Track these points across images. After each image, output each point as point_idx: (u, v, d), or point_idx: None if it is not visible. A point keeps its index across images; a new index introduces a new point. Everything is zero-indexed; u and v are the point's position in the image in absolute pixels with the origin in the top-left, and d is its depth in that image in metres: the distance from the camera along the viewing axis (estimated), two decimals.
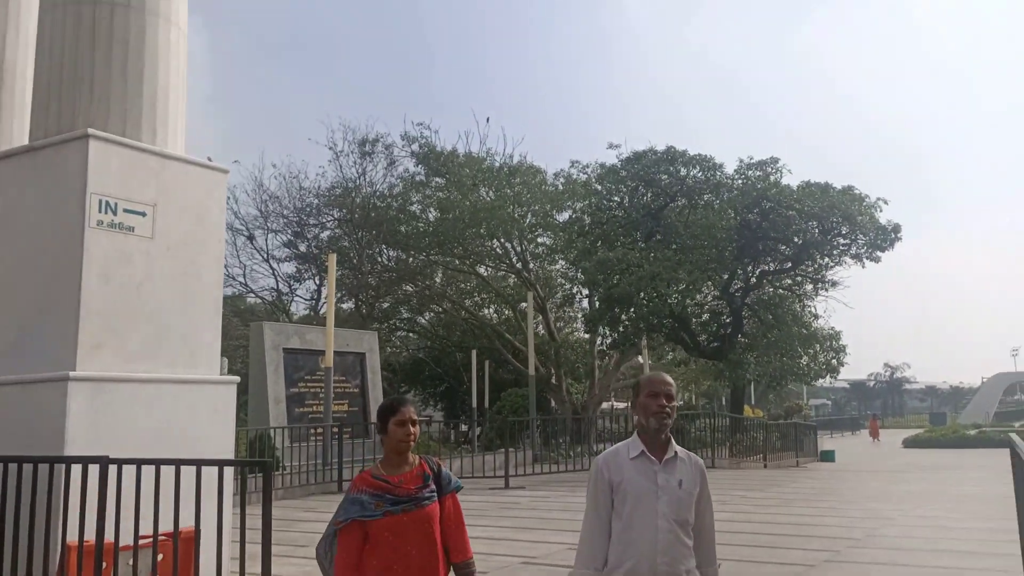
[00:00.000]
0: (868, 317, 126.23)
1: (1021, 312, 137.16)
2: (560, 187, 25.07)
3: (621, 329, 22.21)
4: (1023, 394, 75.73)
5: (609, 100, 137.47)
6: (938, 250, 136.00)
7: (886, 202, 21.39)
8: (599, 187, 23.79)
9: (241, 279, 27.90)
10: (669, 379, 2.95)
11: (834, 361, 22.49)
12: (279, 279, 28.48)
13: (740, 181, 22.24)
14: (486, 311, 28.46)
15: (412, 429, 3.15)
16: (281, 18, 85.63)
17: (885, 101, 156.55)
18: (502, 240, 24.71)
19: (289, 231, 27.25)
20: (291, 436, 13.99)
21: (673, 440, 2.92)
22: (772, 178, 21.94)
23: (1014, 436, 6.82)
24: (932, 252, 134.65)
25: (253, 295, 29.09)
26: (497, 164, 24.99)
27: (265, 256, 27.86)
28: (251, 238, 27.42)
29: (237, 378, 8.60)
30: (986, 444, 28.59)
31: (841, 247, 21.93)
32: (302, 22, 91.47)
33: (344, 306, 26.04)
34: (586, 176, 24.91)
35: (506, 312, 27.74)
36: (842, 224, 21.29)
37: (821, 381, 26.40)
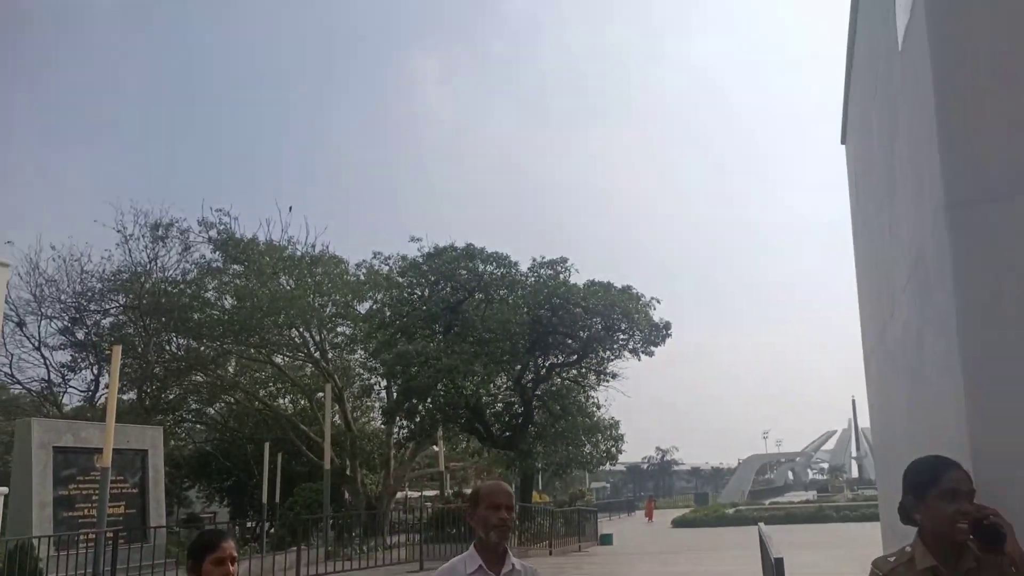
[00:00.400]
0: (642, 405, 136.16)
1: (772, 398, 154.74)
2: (362, 277, 25.42)
3: (418, 419, 22.62)
4: (772, 473, 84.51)
5: (415, 193, 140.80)
6: (702, 343, 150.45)
7: (659, 301, 23.85)
8: (401, 279, 24.47)
9: (6, 369, 25.28)
10: (509, 489, 2.87)
11: (613, 449, 24.25)
12: (51, 368, 26.02)
13: (533, 279, 23.91)
14: (281, 401, 27.68)
15: (232, 568, 2.87)
16: (71, 90, 79.31)
17: (659, 207, 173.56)
18: (301, 329, 24.46)
19: (66, 316, 25.14)
20: (58, 544, 12.81)
21: (510, 551, 2.83)
22: (562, 276, 23.77)
23: (761, 525, 7.92)
24: (698, 345, 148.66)
25: (19, 386, 26.32)
26: (299, 253, 24.94)
27: (36, 344, 25.45)
28: (21, 324, 25.01)
29: (5, 489, 8.11)
30: (742, 522, 31.79)
31: (621, 342, 23.97)
32: (94, 97, 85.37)
33: (125, 397, 24.24)
34: (388, 267, 25.52)
35: (302, 402, 27.15)
36: (621, 320, 23.37)
37: (601, 466, 28.23)
